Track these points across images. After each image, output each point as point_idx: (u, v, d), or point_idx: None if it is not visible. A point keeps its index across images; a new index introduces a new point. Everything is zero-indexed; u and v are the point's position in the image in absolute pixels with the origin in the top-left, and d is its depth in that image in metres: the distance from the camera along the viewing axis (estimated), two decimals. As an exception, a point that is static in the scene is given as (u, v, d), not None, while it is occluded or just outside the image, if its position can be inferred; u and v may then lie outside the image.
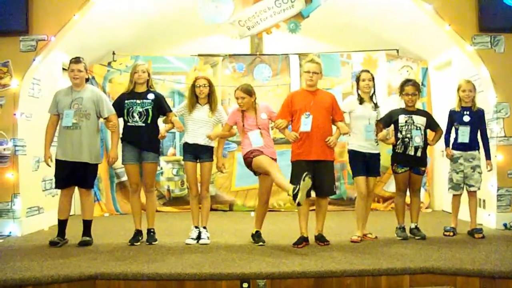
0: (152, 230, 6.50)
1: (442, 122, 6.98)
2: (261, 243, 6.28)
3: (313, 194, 6.28)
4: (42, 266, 5.12)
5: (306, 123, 6.14)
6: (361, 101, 6.55)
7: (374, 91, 6.66)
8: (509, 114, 7.45)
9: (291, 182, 6.09)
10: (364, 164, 6.52)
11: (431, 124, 6.77)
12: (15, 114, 7.14)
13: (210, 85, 6.56)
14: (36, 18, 7.28)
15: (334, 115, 6.35)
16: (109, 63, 9.75)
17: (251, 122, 6.35)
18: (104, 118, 6.41)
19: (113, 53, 9.71)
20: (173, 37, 10.15)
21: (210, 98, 6.55)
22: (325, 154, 6.22)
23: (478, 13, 7.46)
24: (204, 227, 6.54)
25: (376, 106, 6.62)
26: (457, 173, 6.78)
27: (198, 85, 6.49)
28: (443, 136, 6.90)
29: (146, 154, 6.41)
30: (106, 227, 7.84)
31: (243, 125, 6.36)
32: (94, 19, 7.80)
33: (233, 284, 4.91)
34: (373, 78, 6.60)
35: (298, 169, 6.11)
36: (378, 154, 6.63)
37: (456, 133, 6.80)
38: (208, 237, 6.43)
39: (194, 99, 6.53)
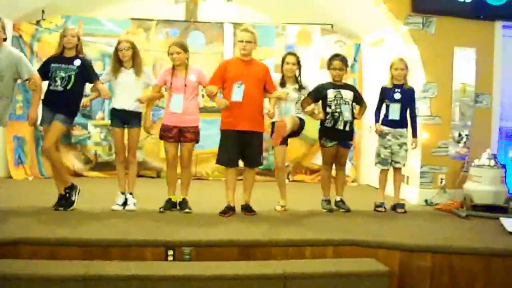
0: (66, 190, 6.31)
1: (373, 99, 7.10)
2: (187, 210, 6.28)
3: (241, 164, 6.32)
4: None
5: (237, 93, 6.12)
6: (283, 84, 6.57)
7: (300, 74, 6.66)
8: (436, 94, 7.65)
9: (219, 151, 6.21)
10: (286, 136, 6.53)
11: (358, 98, 6.85)
12: None
13: (134, 48, 6.37)
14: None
15: (267, 86, 6.37)
16: (38, 22, 9.40)
17: (180, 81, 6.27)
18: (25, 80, 6.13)
19: (43, 12, 9.35)
20: (106, -1, 9.90)
21: (135, 61, 6.38)
22: (254, 125, 6.22)
23: (413, -7, 7.59)
24: (131, 193, 6.45)
25: (300, 87, 6.63)
26: (385, 148, 6.90)
27: (120, 49, 6.31)
28: (372, 111, 7.02)
29: (55, 115, 6.16)
30: (30, 190, 7.65)
31: (171, 84, 6.29)
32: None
33: (159, 251, 4.91)
34: (298, 62, 6.60)
35: (227, 139, 6.18)
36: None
37: (387, 110, 6.91)
38: (134, 204, 6.36)
39: (117, 63, 6.37)
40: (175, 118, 6.25)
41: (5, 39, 6.08)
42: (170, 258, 4.90)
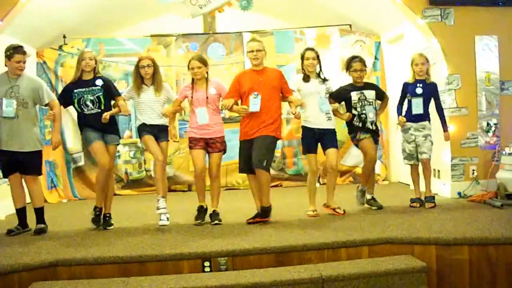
0: (108, 215, 6.44)
1: (397, 95, 7.08)
2: (216, 222, 6.29)
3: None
4: (0, 255, 5.03)
5: (255, 103, 6.15)
6: (307, 78, 6.56)
7: (321, 68, 6.64)
8: (460, 85, 7.59)
9: (239, 160, 6.33)
10: (316, 141, 6.53)
11: (379, 94, 6.90)
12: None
13: (154, 65, 6.45)
14: (-18, 2, 7.08)
15: (283, 91, 6.38)
16: (60, 47, 9.56)
17: (201, 95, 6.34)
18: (45, 105, 6.29)
19: (64, 36, 9.52)
20: (124, 18, 10.01)
21: (155, 78, 6.44)
22: (266, 130, 6.19)
23: (428, -14, 7.55)
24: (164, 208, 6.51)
25: (324, 80, 6.60)
26: (409, 143, 6.85)
27: (142, 66, 6.39)
28: (393, 107, 7.02)
29: (108, 137, 6.34)
30: (65, 213, 7.75)
31: (192, 97, 6.35)
32: (42, 2, 7.62)
33: (195, 263, 4.94)
34: (317, 56, 6.58)
35: (243, 149, 6.32)
36: (333, 130, 6.58)
37: (410, 105, 6.87)
38: (167, 218, 6.39)
39: (139, 80, 6.44)
40: (201, 130, 6.33)
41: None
42: (207, 269, 4.93)
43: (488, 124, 7.60)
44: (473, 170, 7.59)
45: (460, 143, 7.57)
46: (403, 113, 6.94)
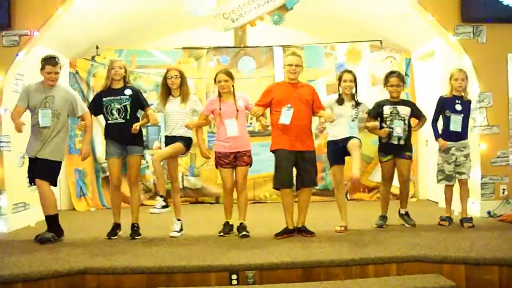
0: (136, 224, 6.49)
1: (425, 112, 7.03)
2: (244, 233, 6.30)
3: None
4: (30, 262, 5.10)
5: (287, 116, 6.15)
6: (341, 101, 6.55)
7: (356, 91, 6.63)
8: (492, 103, 7.52)
9: (276, 170, 6.24)
10: (340, 152, 6.52)
11: (416, 113, 6.85)
12: (-1, 110, 7.10)
13: (182, 76, 6.52)
14: (19, 12, 7.21)
15: (315, 106, 6.40)
16: (93, 57, 9.70)
17: (229, 107, 6.38)
18: (78, 117, 6.42)
19: (97, 47, 9.65)
20: (157, 30, 10.12)
21: (182, 90, 6.51)
22: (304, 145, 6.26)
23: (461, 4, 7.52)
24: (178, 219, 6.60)
25: (357, 104, 6.58)
26: (449, 164, 6.72)
27: (169, 77, 6.46)
28: (427, 124, 6.96)
29: (130, 148, 6.43)
30: (93, 221, 7.82)
31: (220, 109, 6.37)
32: (77, 13, 7.74)
33: (222, 276, 4.94)
34: (355, 79, 6.59)
35: (281, 156, 6.21)
36: (356, 137, 6.54)
37: (447, 122, 6.75)
38: (179, 230, 6.49)
39: (166, 91, 6.53)
40: (231, 143, 6.35)
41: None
42: (234, 282, 4.92)
43: (519, 143, 7.53)
44: (503, 189, 7.50)
45: (490, 162, 7.49)
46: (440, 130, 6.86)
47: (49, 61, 6.20)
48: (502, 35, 7.55)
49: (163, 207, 6.38)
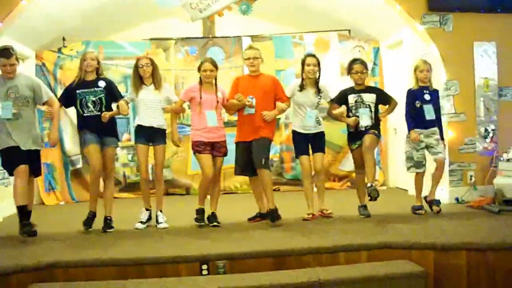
0: (109, 217, 6.42)
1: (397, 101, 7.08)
2: (215, 224, 6.32)
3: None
4: (-2, 257, 5.04)
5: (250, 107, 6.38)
6: (302, 87, 6.60)
7: (319, 76, 6.67)
8: (459, 91, 7.61)
9: (235, 162, 6.54)
10: (306, 143, 6.63)
11: (383, 98, 6.85)
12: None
13: (153, 64, 6.50)
14: (-18, 3, 7.08)
15: (277, 96, 6.54)
16: (60, 49, 9.55)
17: (210, 98, 6.36)
18: (43, 104, 6.29)
19: (63, 39, 9.51)
20: (124, 22, 10.00)
21: (154, 77, 6.48)
22: (258, 133, 6.38)
23: (427, -7, 7.58)
24: (161, 211, 6.55)
25: (319, 92, 6.63)
26: (418, 151, 6.72)
27: (140, 65, 6.43)
28: (395, 113, 7.00)
29: (106, 140, 6.35)
30: (63, 215, 7.75)
31: (201, 98, 6.34)
32: (42, 4, 7.61)
33: (193, 266, 4.94)
34: (318, 63, 6.62)
35: (238, 150, 6.56)
36: (322, 133, 6.70)
37: (421, 112, 6.74)
38: (165, 221, 6.43)
39: (138, 80, 6.49)
40: (209, 134, 6.34)
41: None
42: (205, 272, 4.92)
43: (486, 130, 7.63)
44: (471, 175, 7.61)
45: (458, 149, 7.59)
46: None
47: (3, 53, 5.96)
48: (468, 23, 7.64)
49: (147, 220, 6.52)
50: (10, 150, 6.01)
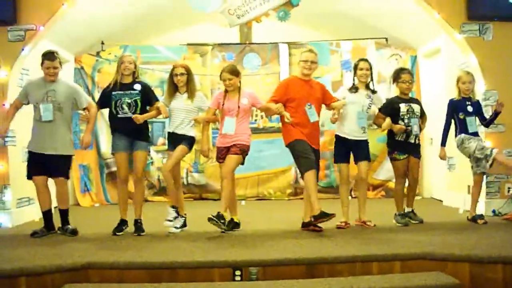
0: (139, 220, 6.46)
1: (431, 110, 7.03)
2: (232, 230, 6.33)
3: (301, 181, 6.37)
4: (34, 256, 5.11)
5: (312, 114, 6.27)
6: (355, 89, 6.58)
7: (372, 80, 6.68)
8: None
9: (299, 156, 6.19)
10: (348, 150, 6.58)
11: (422, 111, 6.84)
12: (4, 105, 7.07)
13: (189, 73, 6.48)
14: (25, 7, 7.22)
15: (327, 99, 6.49)
16: (98, 53, 9.71)
17: (232, 104, 6.32)
18: (83, 109, 6.46)
19: (102, 43, 9.67)
20: (162, 26, 10.12)
21: (189, 86, 6.47)
22: (316, 143, 6.36)
23: (467, 1, 7.49)
24: (182, 216, 6.60)
25: (373, 92, 6.64)
26: (478, 150, 6.60)
27: (175, 74, 6.43)
28: (433, 124, 6.94)
29: (136, 143, 6.41)
30: (97, 217, 7.83)
31: (223, 105, 6.34)
32: (82, 8, 7.75)
33: (226, 272, 4.92)
34: (371, 67, 6.62)
35: (302, 144, 6.19)
36: (366, 141, 6.64)
37: (464, 124, 6.71)
38: (180, 226, 6.49)
39: (172, 88, 6.51)
40: (226, 139, 6.32)
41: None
42: (238, 278, 4.91)
43: (525, 141, 7.50)
44: (509, 188, 7.48)
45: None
46: (454, 133, 6.82)
47: (47, 56, 6.25)
48: (508, 33, 7.53)
49: (182, 226, 6.49)
50: (34, 156, 6.25)
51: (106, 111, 6.83)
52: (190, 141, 6.48)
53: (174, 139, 6.45)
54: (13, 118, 6.46)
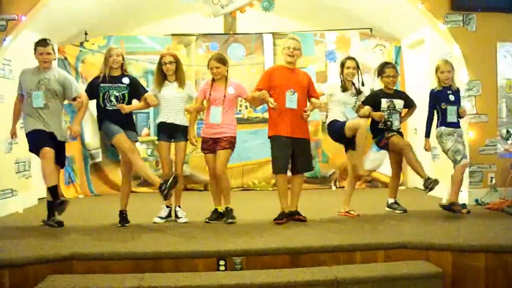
0: (124, 212, 6.44)
1: (415, 100, 7.04)
2: (230, 221, 6.30)
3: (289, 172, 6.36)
4: (16, 248, 5.09)
5: (292, 100, 6.22)
6: (344, 89, 6.58)
7: (358, 78, 6.67)
8: (481, 92, 7.53)
9: (274, 156, 6.29)
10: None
11: (407, 104, 6.90)
12: (-14, 95, 7.03)
13: (177, 61, 6.49)
14: (6, -3, 7.14)
15: (310, 92, 6.44)
16: (82, 43, 9.64)
17: (218, 94, 6.34)
18: (72, 99, 6.41)
19: (85, 33, 9.58)
20: (146, 17, 10.05)
21: (178, 75, 6.48)
22: (302, 131, 6.33)
23: (450, -8, 7.52)
24: (179, 206, 6.57)
25: (358, 92, 6.65)
26: (459, 142, 6.63)
27: (164, 62, 6.43)
28: (416, 113, 6.97)
29: (127, 133, 6.33)
30: (81, 208, 7.80)
31: (210, 95, 6.35)
32: (65, -2, 7.70)
33: (210, 262, 4.94)
34: (357, 66, 6.62)
35: (280, 143, 6.22)
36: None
37: (444, 114, 6.70)
38: (184, 215, 6.45)
39: (161, 77, 6.50)
40: (212, 130, 6.34)
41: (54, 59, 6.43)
42: (222, 268, 4.93)
43: (507, 131, 7.54)
44: (491, 177, 7.53)
45: (478, 150, 7.52)
46: (436, 123, 6.82)
47: (40, 43, 6.23)
48: (491, 23, 7.55)
49: (167, 216, 6.52)
50: (36, 132, 6.15)
51: (91, 102, 6.76)
52: (186, 133, 6.53)
53: (171, 129, 6.44)
54: (20, 115, 6.45)
